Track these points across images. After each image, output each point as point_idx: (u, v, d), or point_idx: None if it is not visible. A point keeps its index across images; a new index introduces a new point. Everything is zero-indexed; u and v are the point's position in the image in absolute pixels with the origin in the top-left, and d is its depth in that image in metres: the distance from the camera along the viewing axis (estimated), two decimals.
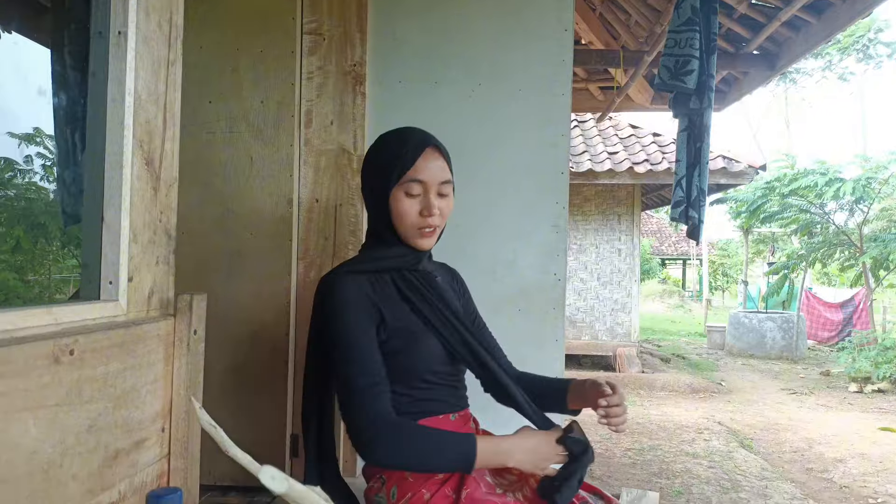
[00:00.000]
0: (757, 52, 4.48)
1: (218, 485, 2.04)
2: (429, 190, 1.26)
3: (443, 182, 1.28)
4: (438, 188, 1.27)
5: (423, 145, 1.27)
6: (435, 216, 1.27)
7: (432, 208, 1.26)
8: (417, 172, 1.26)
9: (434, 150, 1.28)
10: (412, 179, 1.26)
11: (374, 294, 1.27)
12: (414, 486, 1.23)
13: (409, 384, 1.27)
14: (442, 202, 1.29)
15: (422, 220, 1.27)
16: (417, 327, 1.28)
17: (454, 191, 1.34)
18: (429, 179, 1.26)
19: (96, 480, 0.86)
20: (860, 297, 11.19)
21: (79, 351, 0.82)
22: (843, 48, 16.44)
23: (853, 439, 5.40)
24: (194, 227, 2.07)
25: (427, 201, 1.26)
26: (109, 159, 0.96)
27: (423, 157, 1.26)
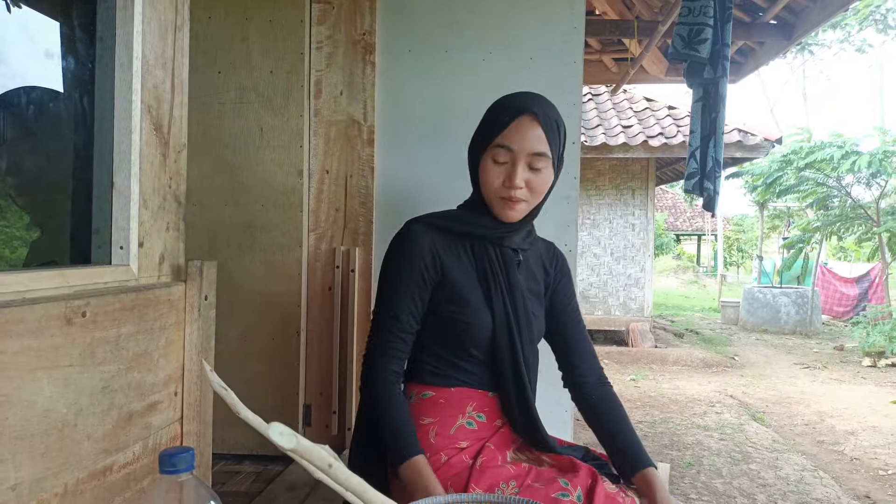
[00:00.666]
0: (773, 22, 4.39)
1: (231, 453, 2.07)
2: (516, 159, 1.19)
3: (534, 153, 1.19)
4: (529, 159, 1.19)
5: (520, 111, 1.20)
6: (518, 188, 1.19)
7: (514, 178, 1.19)
8: (506, 139, 1.20)
9: (532, 118, 1.19)
10: (500, 145, 1.20)
11: (444, 252, 1.27)
12: (434, 448, 1.24)
13: (455, 352, 1.27)
14: (532, 175, 1.20)
15: (504, 189, 1.21)
16: (476, 299, 1.25)
17: (558, 167, 1.26)
18: (518, 148, 1.19)
19: (111, 441, 0.88)
20: (876, 271, 11.08)
21: (91, 313, 0.83)
22: (862, 19, 16.07)
23: (865, 412, 5.39)
24: (205, 198, 2.09)
25: (511, 170, 1.20)
26: (118, 124, 0.97)
27: (516, 123, 1.20)
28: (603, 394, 1.34)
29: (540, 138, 1.19)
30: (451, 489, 1.19)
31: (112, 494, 0.88)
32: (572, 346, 1.38)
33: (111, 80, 0.98)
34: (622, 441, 1.28)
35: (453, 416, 1.28)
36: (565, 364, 1.38)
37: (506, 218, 1.25)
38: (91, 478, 0.84)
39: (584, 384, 1.35)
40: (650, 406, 5.44)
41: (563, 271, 1.43)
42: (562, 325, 1.39)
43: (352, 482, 0.75)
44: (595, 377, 1.36)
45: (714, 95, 2.84)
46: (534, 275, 1.38)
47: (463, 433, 1.27)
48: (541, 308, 1.38)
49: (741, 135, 7.55)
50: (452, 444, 1.25)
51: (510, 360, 1.25)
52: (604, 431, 1.31)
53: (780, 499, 3.46)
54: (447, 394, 1.29)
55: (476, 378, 1.29)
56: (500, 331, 1.25)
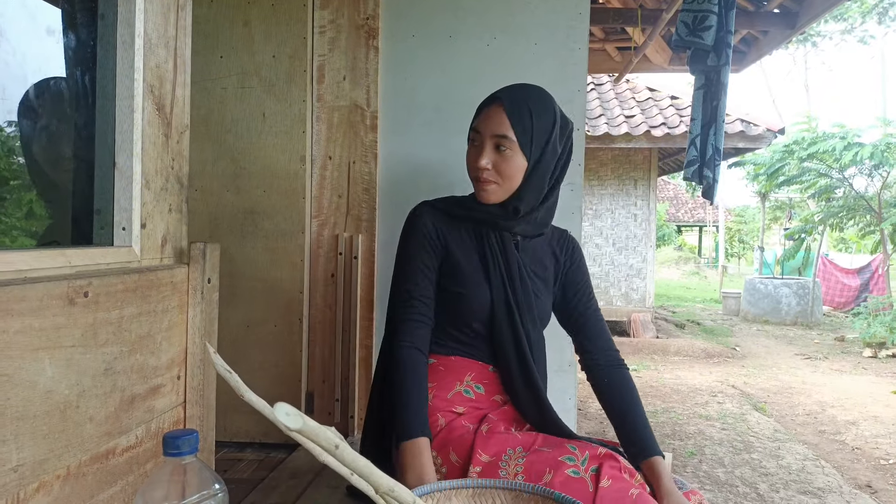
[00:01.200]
0: (777, 11, 4.35)
1: (234, 441, 2.07)
2: (483, 140, 1.29)
3: (495, 135, 1.27)
4: (493, 141, 1.28)
5: (492, 100, 1.31)
6: (483, 168, 1.28)
7: (479, 158, 1.28)
8: (476, 123, 1.32)
9: (497, 104, 1.29)
10: (472, 128, 1.33)
11: (447, 231, 1.36)
12: (431, 409, 1.27)
13: (456, 325, 1.34)
14: (498, 157, 1.28)
15: (474, 170, 1.31)
16: (475, 275, 1.32)
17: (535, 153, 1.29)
18: (483, 130, 1.29)
19: (113, 423, 0.87)
20: (877, 262, 11.07)
21: (93, 293, 0.82)
22: (866, 12, 15.98)
23: (866, 402, 5.39)
24: (207, 184, 2.07)
25: (477, 151, 1.30)
26: (120, 103, 0.95)
27: (485, 109, 1.31)
28: (616, 377, 1.36)
29: (502, 122, 1.27)
30: (452, 453, 1.20)
31: (115, 478, 0.87)
32: (585, 330, 1.41)
33: (113, 59, 0.96)
34: (631, 426, 1.30)
35: (451, 382, 1.32)
36: (580, 348, 1.42)
37: (480, 198, 1.33)
38: (94, 460, 0.83)
39: (597, 367, 1.38)
40: (652, 396, 5.44)
41: (575, 258, 1.47)
42: (574, 309, 1.43)
43: (358, 464, 0.74)
44: (608, 360, 1.38)
45: (716, 83, 2.82)
46: (541, 260, 1.41)
47: (460, 399, 1.30)
48: (547, 292, 1.41)
49: (744, 125, 7.52)
50: (449, 408, 1.28)
51: (511, 336, 1.30)
52: (615, 415, 1.33)
53: (782, 487, 3.46)
54: (447, 361, 1.34)
55: (476, 350, 1.35)
56: (499, 306, 1.31)
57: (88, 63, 0.96)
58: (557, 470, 1.10)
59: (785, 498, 3.32)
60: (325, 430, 0.70)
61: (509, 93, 1.31)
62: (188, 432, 0.80)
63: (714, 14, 2.63)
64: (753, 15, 4.37)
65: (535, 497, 1.05)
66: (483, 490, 1.09)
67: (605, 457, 1.14)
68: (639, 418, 1.31)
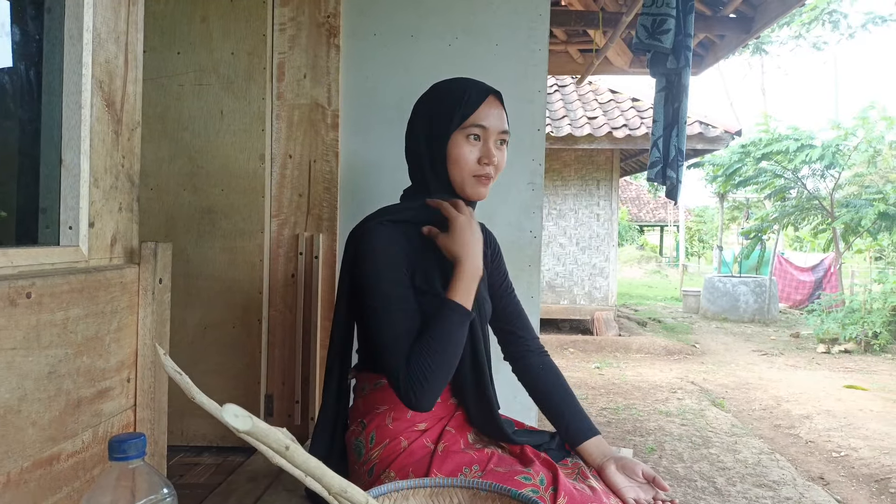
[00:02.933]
0: (733, 16, 4.45)
1: (191, 445, 2.03)
2: (489, 137, 1.24)
3: (502, 132, 1.26)
4: (498, 136, 1.26)
5: (486, 92, 1.26)
6: (493, 165, 1.25)
7: (492, 156, 1.23)
8: (480, 118, 1.23)
9: (496, 99, 1.26)
10: (474, 124, 1.23)
11: (408, 245, 1.24)
12: (392, 432, 1.24)
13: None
14: (499, 153, 1.26)
15: (479, 167, 1.24)
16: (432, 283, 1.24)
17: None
18: (490, 126, 1.24)
19: (58, 428, 0.84)
20: (829, 261, 11.40)
21: (36, 294, 0.79)
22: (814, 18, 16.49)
23: (819, 397, 5.55)
24: (162, 183, 2.03)
25: (486, 148, 1.24)
26: (67, 99, 0.92)
27: (486, 103, 1.25)
28: (546, 363, 1.39)
29: (503, 118, 1.26)
30: (411, 474, 1.19)
31: (59, 484, 0.85)
32: (513, 318, 1.42)
33: (60, 54, 0.93)
34: (570, 412, 1.33)
35: None
36: (507, 335, 1.42)
37: (478, 196, 1.27)
38: (36, 466, 0.80)
39: (527, 353, 1.39)
40: (614, 393, 5.51)
41: (496, 248, 1.48)
42: (500, 298, 1.43)
43: (310, 464, 0.73)
44: (536, 345, 1.41)
45: (677, 85, 2.87)
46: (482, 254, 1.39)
47: (420, 415, 1.26)
48: (485, 286, 1.38)
49: (702, 127, 7.68)
50: (411, 427, 1.25)
51: (469, 343, 1.24)
52: (552, 401, 1.35)
53: (738, 481, 3.54)
54: None
55: None
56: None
57: (35, 57, 0.93)
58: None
59: (741, 491, 3.40)
60: (276, 432, 0.69)
61: (487, 84, 1.28)
62: (135, 436, 0.78)
63: (672, 18, 2.67)
64: (711, 19, 4.46)
65: (492, 495, 1.05)
66: (440, 489, 1.08)
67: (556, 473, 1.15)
68: (573, 402, 1.35)
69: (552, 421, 1.33)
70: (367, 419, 1.28)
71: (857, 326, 7.86)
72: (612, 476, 1.22)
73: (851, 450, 4.22)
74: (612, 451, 1.28)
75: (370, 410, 1.28)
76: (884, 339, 7.78)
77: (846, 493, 3.58)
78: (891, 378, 6.42)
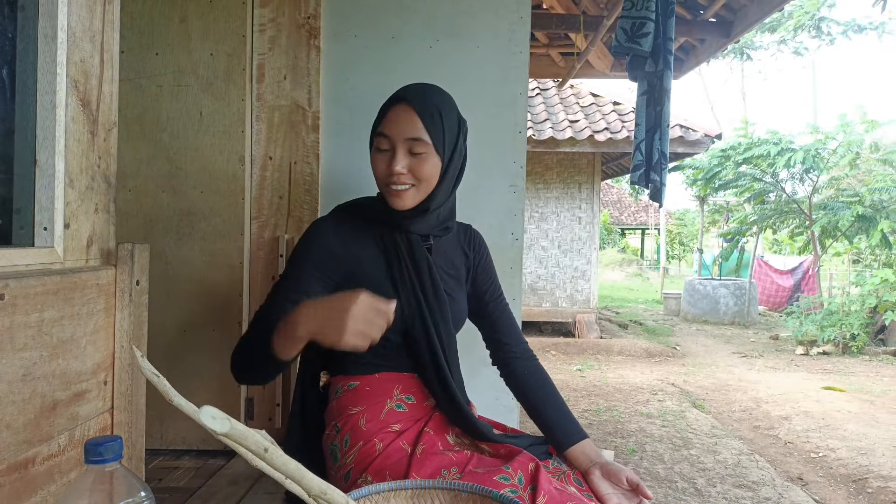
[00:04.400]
0: (713, 20, 4.51)
1: (170, 449, 2.01)
2: (395, 145, 1.22)
3: (410, 138, 1.21)
4: (407, 144, 1.22)
5: (396, 100, 1.25)
6: (399, 174, 1.21)
7: (395, 164, 1.21)
8: (384, 126, 1.24)
9: (405, 106, 1.23)
10: (379, 133, 1.25)
11: (351, 244, 1.28)
12: (366, 434, 1.24)
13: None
14: (413, 161, 1.22)
15: (387, 176, 1.24)
16: (384, 285, 1.27)
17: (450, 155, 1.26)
18: (393, 134, 1.22)
19: (33, 431, 0.83)
20: (808, 264, 11.55)
21: (10, 296, 0.78)
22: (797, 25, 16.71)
23: (798, 398, 5.62)
24: (141, 184, 2.01)
25: (391, 157, 1.23)
26: (41, 98, 0.91)
27: (392, 111, 1.24)
28: (534, 367, 1.39)
29: (415, 124, 1.21)
30: (388, 478, 1.18)
31: (34, 487, 0.84)
32: (499, 324, 1.42)
33: (34, 53, 0.92)
34: (557, 416, 1.32)
35: (381, 401, 1.28)
36: (494, 341, 1.42)
37: (395, 206, 1.26)
38: (11, 470, 0.79)
39: (515, 358, 1.39)
40: (595, 395, 5.54)
41: (482, 252, 1.46)
42: (486, 304, 1.42)
43: (289, 467, 0.72)
44: (523, 351, 1.40)
45: (659, 89, 2.89)
46: (451, 259, 1.39)
47: (394, 416, 1.27)
48: (460, 290, 1.39)
49: (683, 130, 7.75)
50: (385, 428, 1.25)
51: (425, 343, 1.26)
52: (537, 406, 1.34)
53: (718, 482, 3.58)
54: (371, 381, 1.30)
55: (397, 362, 1.30)
56: (412, 314, 1.26)
57: (8, 56, 0.92)
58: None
59: (721, 492, 3.43)
60: (254, 434, 0.68)
61: (416, 94, 1.25)
62: (111, 438, 0.77)
63: (651, 21, 2.69)
64: (691, 23, 4.51)
65: (474, 497, 1.05)
66: (422, 491, 1.08)
67: (537, 470, 1.15)
68: (561, 406, 1.33)
69: (539, 425, 1.33)
70: (341, 422, 1.28)
71: (836, 328, 7.97)
72: (597, 482, 1.22)
73: (829, 450, 4.28)
74: (599, 457, 1.27)
75: (343, 412, 1.29)
76: (861, 340, 7.90)
77: (824, 493, 3.63)
78: (868, 379, 6.52)
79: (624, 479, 1.21)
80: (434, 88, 1.30)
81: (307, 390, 1.40)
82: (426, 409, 1.31)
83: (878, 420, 4.94)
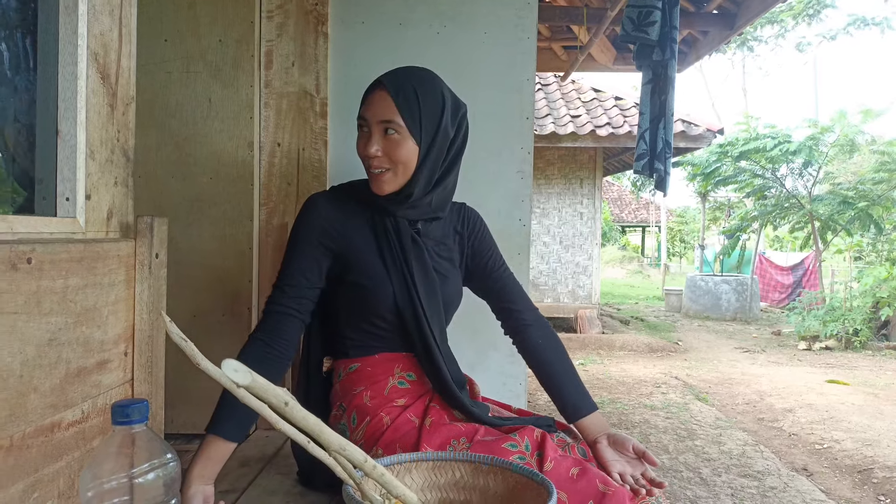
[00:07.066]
0: (716, 12, 4.51)
1: (181, 433, 2.02)
2: (370, 127, 1.24)
3: (382, 120, 1.22)
4: (381, 126, 1.23)
5: (374, 85, 1.26)
6: (373, 156, 1.23)
7: (367, 145, 1.23)
8: (362, 109, 1.27)
9: (381, 89, 1.24)
10: (359, 116, 1.27)
11: (344, 223, 1.30)
12: (372, 410, 1.26)
13: (368, 320, 1.30)
14: (386, 143, 1.23)
15: (364, 159, 1.26)
16: (376, 266, 1.28)
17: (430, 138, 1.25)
18: (369, 116, 1.24)
19: (59, 396, 0.84)
20: (810, 260, 11.57)
21: (37, 260, 0.79)
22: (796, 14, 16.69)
23: (802, 391, 5.63)
24: (150, 171, 2.02)
25: (365, 138, 1.25)
26: (63, 69, 0.92)
27: (369, 95, 1.26)
28: (548, 334, 1.39)
29: (388, 106, 1.22)
30: (399, 451, 1.19)
31: (60, 452, 0.84)
32: (506, 292, 1.42)
33: (55, 24, 0.93)
34: (571, 384, 1.33)
35: (383, 379, 1.30)
36: (504, 311, 1.42)
37: (375, 189, 1.28)
38: (38, 433, 0.80)
39: (527, 326, 1.39)
40: (599, 388, 5.55)
41: (476, 227, 1.45)
42: (490, 275, 1.43)
43: (308, 421, 0.73)
44: (535, 318, 1.41)
45: (663, 78, 2.90)
46: (442, 240, 1.39)
47: (397, 392, 1.29)
48: (455, 271, 1.40)
49: (685, 125, 7.75)
50: (389, 403, 1.27)
51: (414, 324, 1.27)
52: (553, 373, 1.34)
53: (723, 472, 3.58)
54: (371, 361, 1.32)
55: (394, 342, 1.32)
56: (402, 296, 1.27)
57: (30, 26, 0.93)
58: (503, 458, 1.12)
59: (727, 481, 3.44)
60: (275, 388, 0.69)
61: (393, 77, 1.26)
62: (137, 401, 0.78)
63: (658, 10, 2.70)
64: (694, 16, 4.51)
65: (494, 469, 1.06)
66: (442, 463, 1.09)
67: (543, 438, 1.17)
68: (574, 376, 1.35)
69: (551, 394, 1.34)
70: (346, 402, 1.31)
71: (838, 324, 7.98)
72: (603, 450, 1.23)
73: (834, 442, 4.28)
74: (608, 428, 1.28)
75: (347, 393, 1.31)
76: (864, 335, 7.91)
77: (829, 483, 3.63)
78: (871, 373, 6.53)
79: (630, 447, 1.23)
80: (415, 71, 1.29)
81: (311, 376, 1.41)
82: (428, 386, 1.32)
83: (882, 412, 4.95)
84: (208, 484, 1.10)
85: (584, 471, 1.10)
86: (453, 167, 1.32)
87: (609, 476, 1.15)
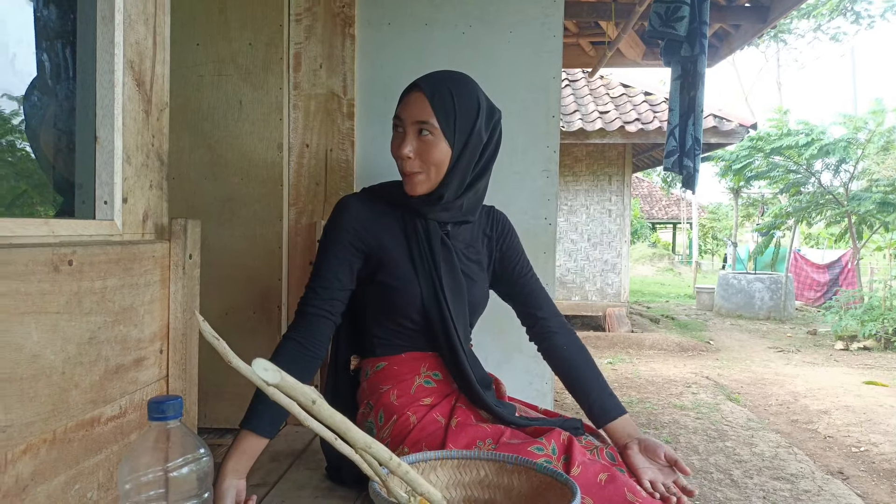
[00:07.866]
0: (748, 5, 4.44)
1: (214, 427, 2.07)
2: (405, 128, 1.26)
3: (416, 121, 1.24)
4: (416, 127, 1.24)
5: (411, 87, 1.28)
6: (406, 157, 1.24)
7: (402, 146, 1.25)
8: (398, 110, 1.28)
9: (417, 91, 1.26)
10: (395, 116, 1.29)
11: (375, 224, 1.32)
12: (399, 408, 1.27)
13: (396, 321, 1.32)
14: (420, 144, 1.24)
15: (398, 159, 1.28)
16: (405, 268, 1.30)
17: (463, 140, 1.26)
18: (405, 116, 1.26)
19: (98, 392, 0.87)
20: (847, 258, 11.31)
21: (77, 262, 0.82)
22: (832, 8, 16.31)
23: (838, 393, 5.51)
24: (183, 172, 2.07)
25: (400, 138, 1.27)
26: (100, 78, 0.96)
27: (406, 96, 1.28)
28: (574, 341, 1.39)
29: (423, 108, 1.23)
30: (425, 449, 1.21)
31: (99, 446, 0.88)
32: (532, 298, 1.43)
33: (93, 33, 0.96)
34: (597, 390, 1.33)
35: (409, 378, 1.32)
36: (529, 317, 1.43)
37: (408, 190, 1.29)
38: (79, 427, 0.83)
39: (553, 333, 1.40)
40: (627, 387, 5.51)
41: (505, 231, 1.47)
42: (517, 280, 1.44)
43: (335, 419, 0.75)
44: (560, 325, 1.41)
45: (693, 73, 2.87)
46: (472, 243, 1.41)
47: (424, 391, 1.31)
48: (482, 274, 1.41)
49: (717, 120, 7.64)
50: (416, 402, 1.29)
51: (440, 326, 1.29)
52: (578, 380, 1.35)
53: (755, 474, 3.54)
54: (398, 360, 1.34)
55: (421, 342, 1.34)
56: (429, 298, 1.29)
57: (69, 37, 0.96)
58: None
59: (759, 483, 3.40)
60: (303, 386, 0.72)
61: (430, 79, 1.27)
62: (172, 397, 0.81)
63: (686, 5, 2.67)
64: (725, 9, 4.45)
65: (518, 468, 1.07)
66: (467, 462, 1.11)
67: (570, 442, 1.17)
68: (601, 380, 1.35)
69: (578, 399, 1.34)
70: (373, 400, 1.33)
71: (877, 323, 7.79)
72: (633, 456, 1.23)
73: (871, 445, 4.19)
74: (638, 432, 1.28)
75: (374, 391, 1.33)
76: None
77: (866, 487, 3.56)
78: None
79: (661, 454, 1.22)
80: (452, 75, 1.31)
81: (339, 374, 1.43)
82: (454, 385, 1.34)
83: None
84: (241, 478, 1.13)
85: (613, 477, 1.09)
86: (485, 172, 1.34)
87: (640, 484, 1.15)
